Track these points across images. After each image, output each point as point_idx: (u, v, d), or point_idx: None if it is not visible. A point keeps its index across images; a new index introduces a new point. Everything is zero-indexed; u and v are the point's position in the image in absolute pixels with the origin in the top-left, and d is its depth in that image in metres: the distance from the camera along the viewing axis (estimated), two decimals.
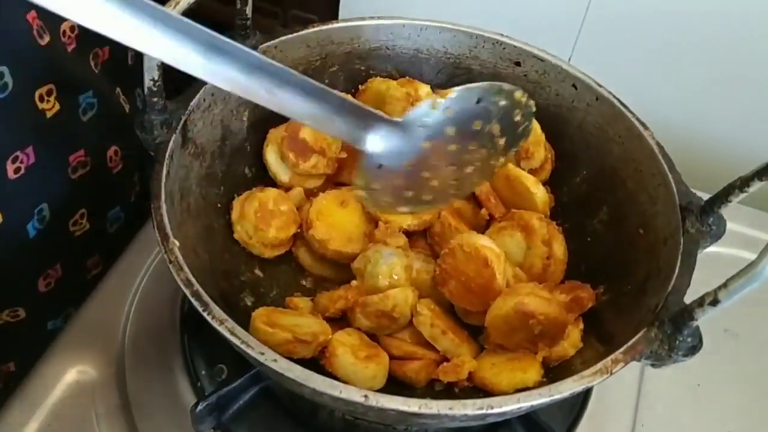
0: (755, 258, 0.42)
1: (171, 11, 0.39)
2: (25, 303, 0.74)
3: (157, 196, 0.53)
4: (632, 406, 0.68)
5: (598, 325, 0.58)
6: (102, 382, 0.64)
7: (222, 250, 0.63)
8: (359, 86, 0.73)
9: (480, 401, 0.44)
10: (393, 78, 0.73)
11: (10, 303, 0.74)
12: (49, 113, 0.66)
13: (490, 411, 0.44)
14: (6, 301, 0.73)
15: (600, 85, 0.66)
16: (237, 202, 0.65)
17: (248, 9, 0.64)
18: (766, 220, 0.86)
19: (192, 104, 0.59)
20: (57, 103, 0.66)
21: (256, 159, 0.69)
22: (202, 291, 0.48)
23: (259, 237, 0.64)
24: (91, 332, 0.67)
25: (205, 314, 0.47)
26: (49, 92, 0.65)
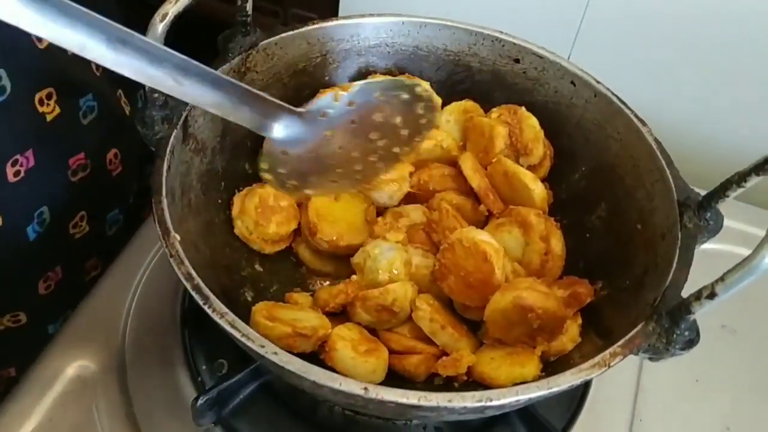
0: (752, 252, 0.42)
1: (75, 4, 0.40)
2: (25, 306, 0.74)
3: (158, 191, 0.53)
4: (631, 401, 0.68)
5: (596, 320, 0.59)
6: (103, 376, 0.64)
7: (222, 245, 0.63)
8: None
9: (479, 394, 0.44)
10: (392, 75, 0.73)
11: (11, 306, 0.74)
12: (49, 117, 0.66)
13: (488, 404, 0.44)
14: (7, 304, 0.73)
15: (598, 82, 0.67)
16: (237, 198, 0.65)
17: (248, 6, 0.64)
18: (764, 217, 0.86)
19: None
20: (57, 106, 0.66)
21: (257, 155, 0.69)
22: (202, 284, 0.48)
23: (259, 232, 0.64)
24: (92, 327, 0.68)
25: (206, 307, 0.47)
26: (49, 96, 0.65)
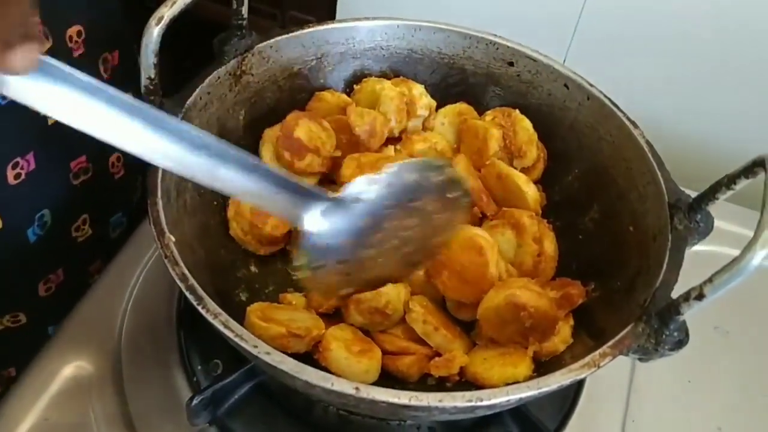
0: (739, 254, 0.43)
1: (116, 91, 0.40)
2: (25, 307, 0.75)
3: (153, 192, 0.53)
4: (623, 402, 0.68)
5: (588, 322, 0.59)
6: (99, 377, 0.65)
7: (218, 246, 0.64)
8: (354, 86, 0.74)
9: (469, 393, 0.45)
10: (387, 78, 0.74)
11: (10, 307, 0.74)
12: (51, 120, 0.66)
13: (479, 403, 0.45)
14: (7, 305, 0.74)
15: (591, 85, 0.67)
16: (232, 200, 0.66)
17: (244, 9, 0.64)
18: (754, 218, 0.86)
19: (188, 103, 0.60)
20: None
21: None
22: (197, 285, 0.48)
23: (254, 234, 0.64)
24: (89, 328, 0.68)
25: (200, 308, 0.47)
26: None
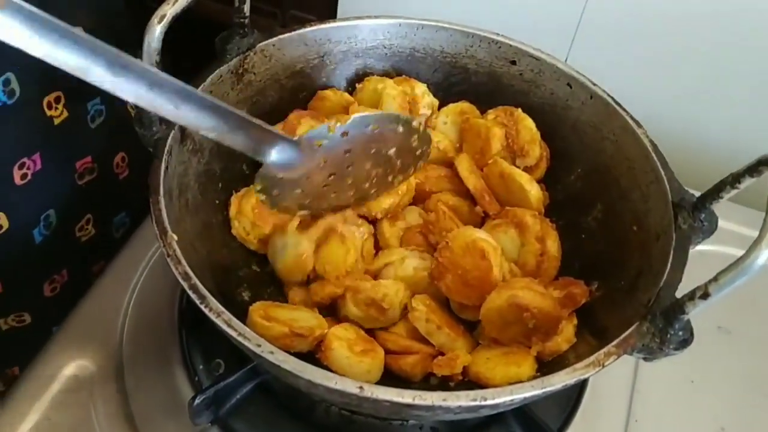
0: (744, 252, 0.42)
1: (78, 30, 0.40)
2: (30, 307, 0.75)
3: (155, 190, 0.53)
4: (626, 402, 0.68)
5: (591, 321, 0.59)
6: (100, 376, 0.65)
7: (220, 245, 0.64)
8: (356, 84, 0.73)
9: (473, 393, 0.45)
10: (390, 76, 0.74)
11: (15, 307, 0.74)
12: (57, 120, 0.66)
13: (483, 403, 0.45)
14: (12, 305, 0.74)
15: (594, 84, 0.67)
16: (235, 199, 0.65)
17: (246, 7, 0.64)
18: (758, 218, 0.86)
19: None
20: (65, 110, 0.66)
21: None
22: (199, 284, 0.48)
23: (256, 233, 0.64)
24: (90, 327, 0.68)
25: (203, 307, 0.47)
26: (57, 99, 0.65)
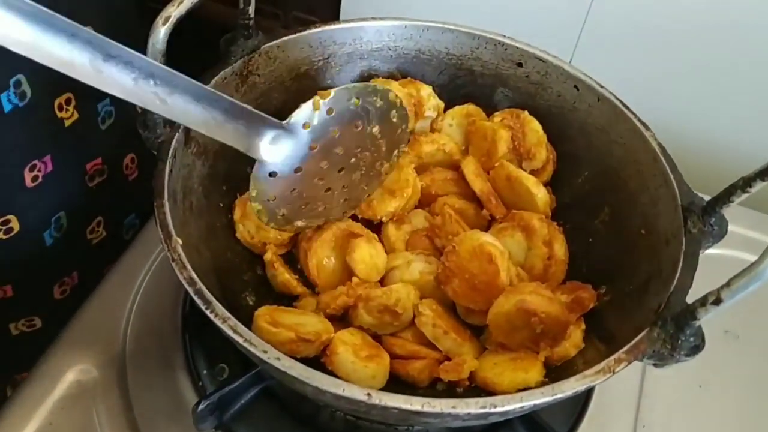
0: (758, 257, 0.42)
1: (56, 14, 0.37)
2: (41, 311, 0.74)
3: (159, 194, 0.53)
4: (634, 407, 0.68)
5: (599, 326, 0.58)
6: (103, 381, 0.64)
7: (224, 249, 0.63)
8: None
9: (483, 400, 0.44)
10: (395, 78, 0.73)
11: (26, 311, 0.73)
12: (68, 122, 0.65)
13: (492, 410, 0.44)
14: (23, 309, 0.73)
15: (602, 86, 0.66)
16: (239, 202, 0.65)
17: (251, 9, 0.64)
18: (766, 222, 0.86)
19: None
20: (76, 111, 0.66)
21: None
22: (204, 289, 0.48)
23: (261, 237, 0.64)
24: (93, 331, 0.67)
25: (208, 312, 0.47)
26: (68, 101, 0.65)
